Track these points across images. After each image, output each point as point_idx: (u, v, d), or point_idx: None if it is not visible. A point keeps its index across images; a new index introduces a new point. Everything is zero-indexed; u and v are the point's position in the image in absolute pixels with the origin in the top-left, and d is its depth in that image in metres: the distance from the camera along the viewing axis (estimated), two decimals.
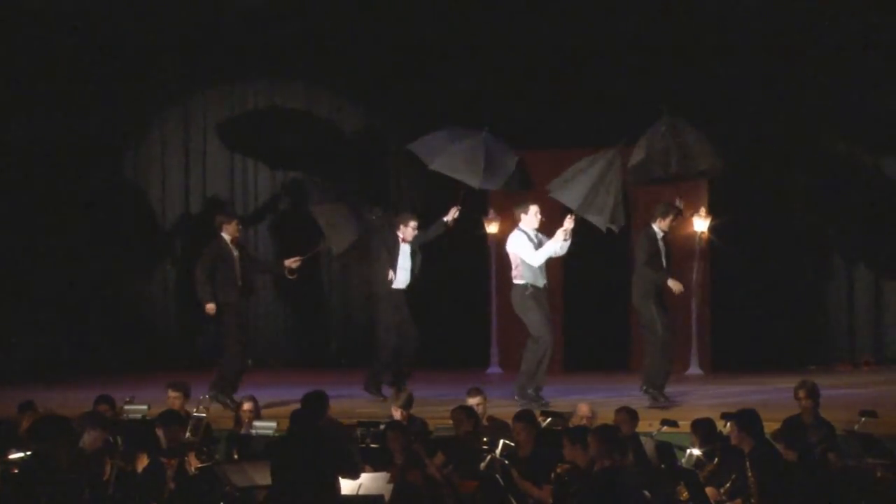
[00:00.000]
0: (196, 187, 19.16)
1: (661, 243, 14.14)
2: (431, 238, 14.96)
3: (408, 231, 14.80)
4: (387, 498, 10.05)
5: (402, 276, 14.79)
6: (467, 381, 14.12)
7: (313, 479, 9.55)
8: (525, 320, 14.17)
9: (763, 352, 17.50)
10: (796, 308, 17.90)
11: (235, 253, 14.50)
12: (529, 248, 14.04)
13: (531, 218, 14.14)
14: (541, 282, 14.15)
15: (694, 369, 17.22)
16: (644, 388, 14.01)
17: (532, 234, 14.11)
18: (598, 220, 13.80)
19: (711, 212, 16.30)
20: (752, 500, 10.11)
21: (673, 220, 14.23)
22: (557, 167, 14.38)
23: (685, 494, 10.25)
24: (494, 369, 17.60)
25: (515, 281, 14.18)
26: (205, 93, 19.16)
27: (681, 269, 14.62)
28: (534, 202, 14.19)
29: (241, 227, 14.91)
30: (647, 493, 9.92)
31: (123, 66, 18.51)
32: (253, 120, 19.14)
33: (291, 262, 14.94)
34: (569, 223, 13.90)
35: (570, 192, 13.82)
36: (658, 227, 14.18)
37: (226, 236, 14.52)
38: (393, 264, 14.72)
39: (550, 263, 14.29)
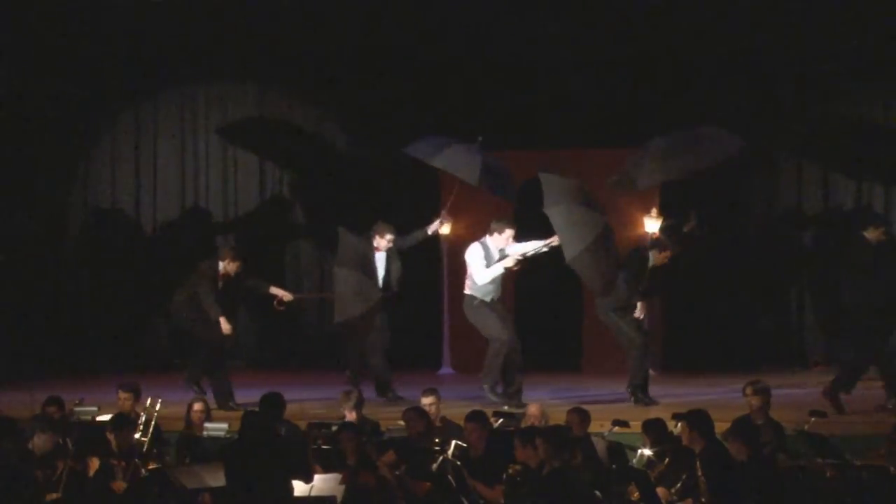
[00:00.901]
0: (147, 191, 19.00)
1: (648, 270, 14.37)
2: (411, 244, 15.14)
3: (382, 243, 14.85)
4: (339, 499, 10.06)
5: None
6: (419, 382, 14.15)
7: (267, 480, 9.53)
8: (479, 327, 14.46)
9: (714, 352, 17.55)
10: (747, 308, 17.95)
11: (220, 284, 14.38)
12: (481, 265, 14.27)
13: (502, 239, 14.35)
14: (489, 296, 14.36)
15: None
16: (628, 390, 14.24)
17: (494, 250, 14.32)
18: (588, 280, 14.22)
19: (663, 212, 16.31)
20: (703, 500, 10.16)
21: (666, 257, 14.42)
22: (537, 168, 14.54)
23: (636, 495, 10.28)
24: (446, 370, 17.58)
25: (465, 290, 14.50)
26: (156, 96, 19.01)
27: None
28: (513, 226, 14.39)
29: (241, 269, 14.63)
30: (597, 493, 9.97)
31: (73, 70, 18.36)
32: (208, 124, 19.02)
33: (284, 296, 14.90)
34: (554, 241, 14.09)
35: (572, 242, 13.83)
36: (652, 257, 14.34)
37: (221, 266, 14.42)
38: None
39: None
